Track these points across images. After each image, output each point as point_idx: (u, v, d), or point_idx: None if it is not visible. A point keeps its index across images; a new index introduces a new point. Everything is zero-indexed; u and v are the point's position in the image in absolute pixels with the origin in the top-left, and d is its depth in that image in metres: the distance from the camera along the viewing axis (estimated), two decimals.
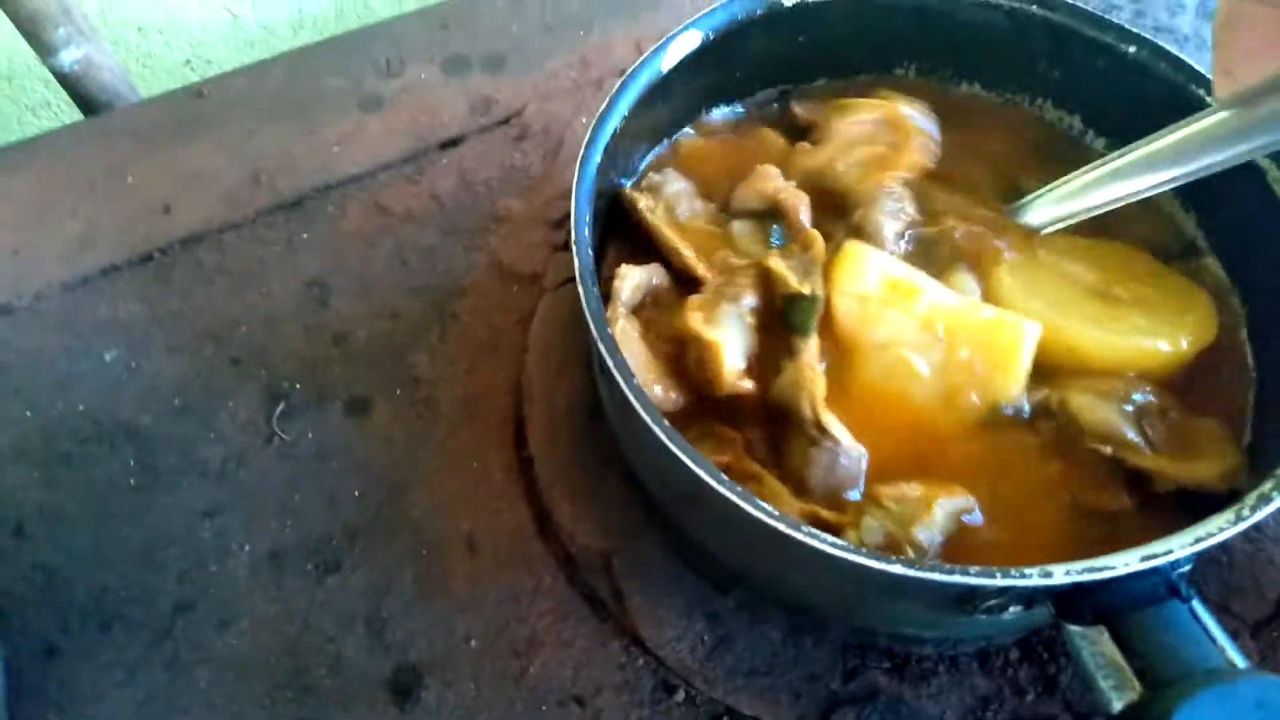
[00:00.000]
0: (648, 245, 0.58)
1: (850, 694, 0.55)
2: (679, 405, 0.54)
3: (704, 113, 0.66)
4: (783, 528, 0.42)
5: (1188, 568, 0.43)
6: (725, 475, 0.44)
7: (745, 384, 0.52)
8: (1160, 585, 0.42)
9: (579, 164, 0.53)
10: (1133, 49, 0.59)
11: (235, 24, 1.11)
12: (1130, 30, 0.59)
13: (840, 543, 0.42)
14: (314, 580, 0.59)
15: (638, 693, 0.55)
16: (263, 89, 0.82)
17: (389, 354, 0.68)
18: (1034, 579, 0.41)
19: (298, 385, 0.66)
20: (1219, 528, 0.43)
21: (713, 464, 0.44)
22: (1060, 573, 0.41)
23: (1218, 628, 0.41)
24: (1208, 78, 0.56)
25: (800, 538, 0.42)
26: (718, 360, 0.52)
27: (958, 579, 0.42)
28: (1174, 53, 0.57)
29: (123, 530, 0.61)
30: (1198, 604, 0.42)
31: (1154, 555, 0.42)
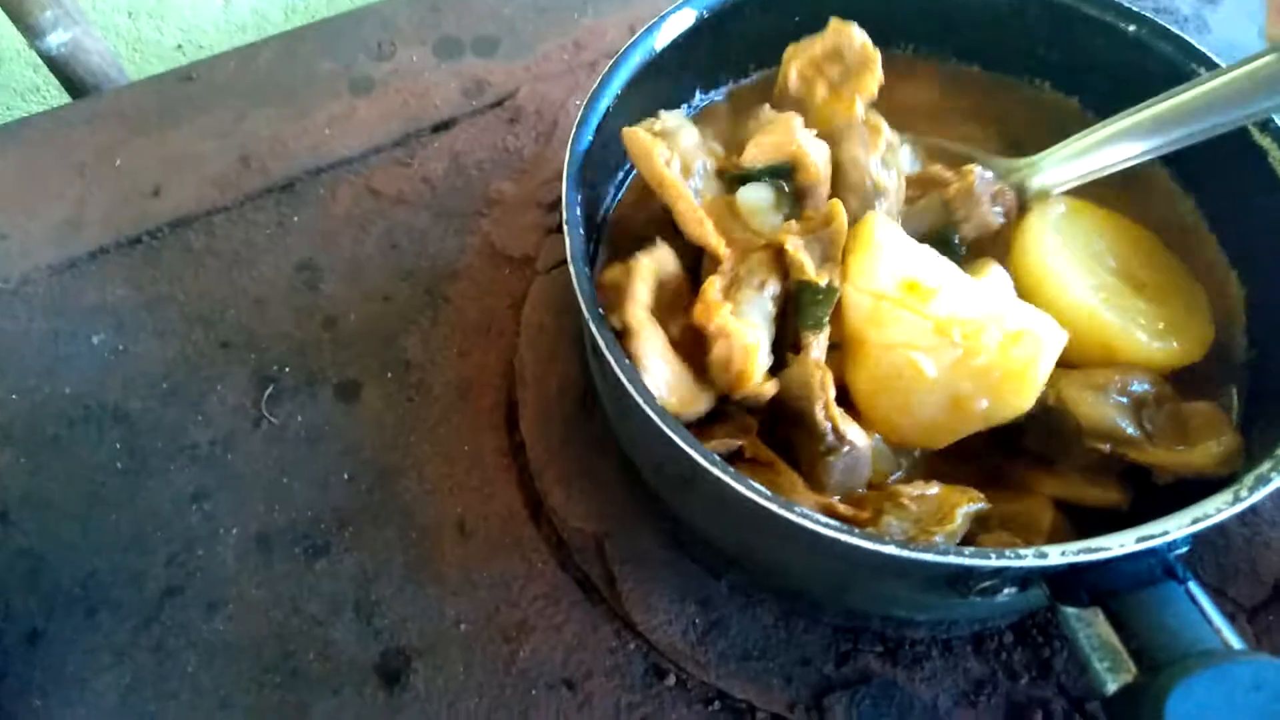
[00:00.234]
0: (645, 221, 0.57)
1: (843, 678, 0.54)
2: (709, 406, 0.49)
3: (699, 94, 0.66)
4: (776, 508, 0.42)
5: (1185, 549, 0.42)
6: (741, 461, 0.42)
7: (769, 387, 0.48)
8: (1157, 567, 0.42)
9: (570, 145, 0.52)
10: (1133, 28, 0.58)
11: (227, 8, 1.10)
12: (1130, 9, 0.58)
13: (834, 523, 0.42)
14: (303, 564, 0.59)
15: (628, 677, 0.55)
16: (252, 72, 0.81)
17: (380, 337, 0.67)
18: (1029, 560, 0.41)
19: (287, 369, 0.66)
20: (1216, 509, 0.42)
21: (717, 448, 0.43)
22: (1056, 554, 0.41)
23: (1214, 609, 0.41)
24: (1208, 56, 0.55)
25: (795, 519, 0.42)
26: (751, 363, 0.47)
27: (952, 559, 0.41)
28: (1175, 31, 0.57)
29: (110, 515, 0.60)
30: (1194, 586, 0.41)
31: (1150, 536, 0.41)
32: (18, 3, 0.80)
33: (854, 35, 0.57)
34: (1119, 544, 0.41)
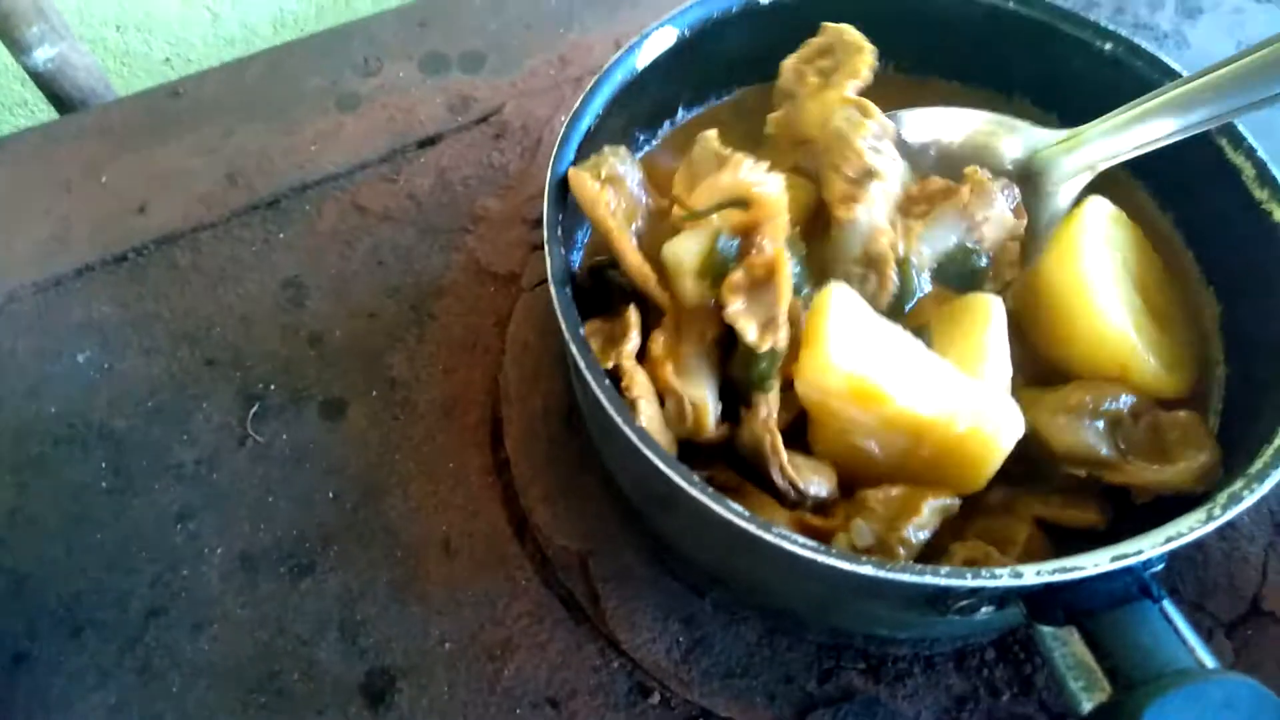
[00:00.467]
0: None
1: (826, 695, 0.55)
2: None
3: (681, 110, 0.66)
4: (753, 529, 0.42)
5: (1160, 568, 0.43)
6: (709, 485, 0.43)
7: (724, 429, 0.51)
8: (1132, 585, 0.42)
9: (551, 163, 0.53)
10: (1108, 45, 0.59)
11: (216, 22, 1.10)
12: (1105, 27, 0.59)
13: (810, 543, 0.42)
14: (288, 584, 0.59)
15: (612, 695, 0.55)
16: (239, 88, 0.81)
17: (365, 355, 0.67)
18: (1005, 579, 0.41)
19: (273, 386, 0.66)
20: (1189, 527, 0.43)
21: (687, 468, 0.44)
22: (1031, 573, 0.41)
23: (1188, 628, 0.41)
24: (1181, 74, 0.56)
25: (771, 539, 0.42)
26: (702, 418, 0.50)
27: (929, 579, 0.41)
28: (1148, 49, 0.57)
29: (95, 534, 0.60)
30: (1169, 604, 0.42)
31: (1125, 555, 0.42)
32: (4, 18, 0.80)
33: (845, 30, 0.58)
34: (1093, 563, 0.41)
